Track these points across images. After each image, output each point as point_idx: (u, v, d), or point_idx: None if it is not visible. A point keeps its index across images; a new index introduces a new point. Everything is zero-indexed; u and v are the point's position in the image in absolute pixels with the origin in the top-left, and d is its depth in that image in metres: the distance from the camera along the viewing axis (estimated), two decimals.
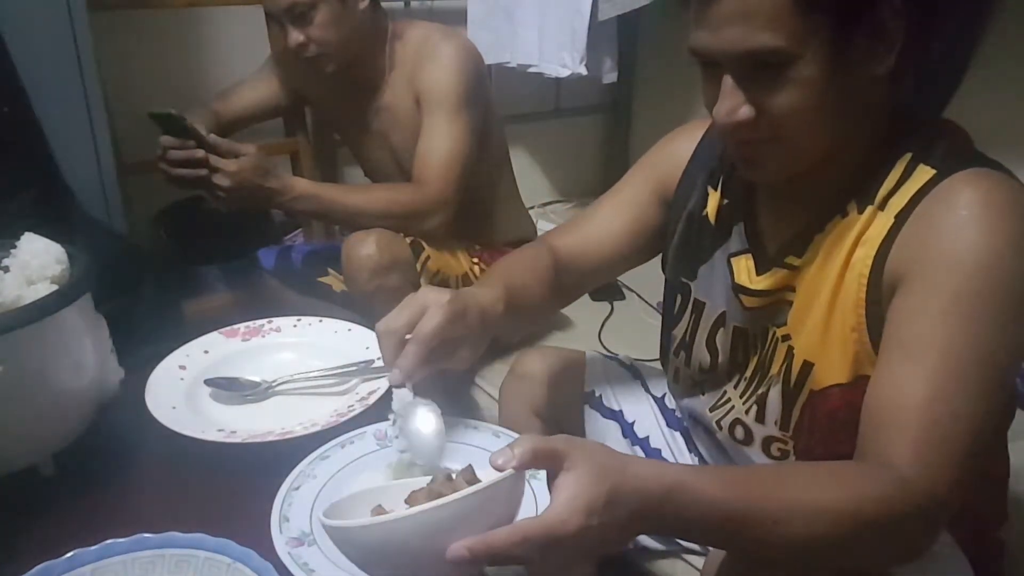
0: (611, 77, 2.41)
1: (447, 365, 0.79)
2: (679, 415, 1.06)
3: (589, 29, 2.22)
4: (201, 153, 1.42)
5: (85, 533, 0.71)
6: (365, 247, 1.48)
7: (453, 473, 0.63)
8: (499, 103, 1.76)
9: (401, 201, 1.55)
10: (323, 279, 1.73)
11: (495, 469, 0.57)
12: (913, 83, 0.74)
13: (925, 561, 0.67)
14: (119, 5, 1.81)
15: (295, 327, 1.13)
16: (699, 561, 1.01)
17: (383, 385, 0.95)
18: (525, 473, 0.58)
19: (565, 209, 2.79)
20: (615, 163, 2.85)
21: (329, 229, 2.01)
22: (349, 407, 0.93)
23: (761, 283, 0.82)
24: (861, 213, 0.75)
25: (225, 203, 1.47)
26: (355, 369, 1.01)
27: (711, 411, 0.91)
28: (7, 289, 0.82)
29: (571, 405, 1.11)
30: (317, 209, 1.55)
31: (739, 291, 0.84)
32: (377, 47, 1.62)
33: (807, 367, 0.79)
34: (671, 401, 1.07)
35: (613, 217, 0.97)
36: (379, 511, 0.62)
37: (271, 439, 0.88)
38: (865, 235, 0.74)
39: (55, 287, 0.84)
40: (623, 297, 2.15)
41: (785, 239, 0.81)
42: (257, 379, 1.02)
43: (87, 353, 0.87)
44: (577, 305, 1.11)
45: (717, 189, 0.89)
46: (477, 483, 0.59)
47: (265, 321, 1.13)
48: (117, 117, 1.65)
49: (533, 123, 2.75)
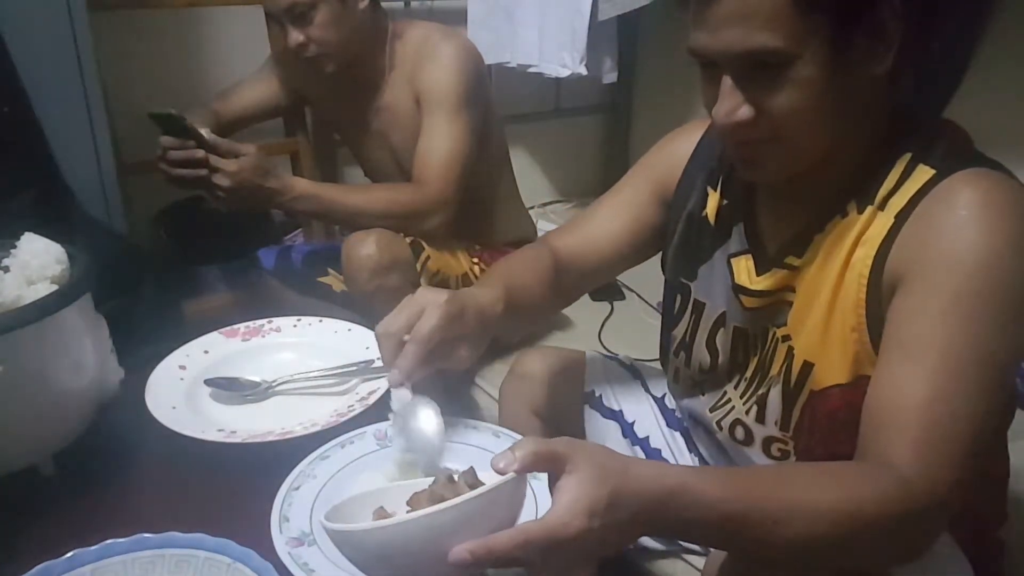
0: (611, 77, 2.41)
1: (446, 365, 0.78)
2: (679, 415, 1.06)
3: (589, 29, 2.22)
4: (201, 153, 1.42)
5: (85, 533, 0.71)
6: (365, 247, 1.48)
7: (454, 474, 0.63)
8: (499, 103, 1.76)
9: (401, 201, 1.55)
10: (323, 279, 1.73)
11: (497, 472, 0.57)
12: (913, 83, 0.74)
13: (925, 561, 0.67)
14: (119, 5, 1.81)
15: (295, 327, 1.13)
16: (699, 561, 1.01)
17: (383, 385, 0.95)
18: (527, 476, 0.58)
19: (565, 209, 2.79)
20: (615, 163, 2.85)
21: (329, 229, 2.01)
22: (349, 407, 0.93)
23: (761, 283, 0.82)
24: (861, 213, 0.75)
25: (225, 203, 1.47)
26: (355, 369, 1.01)
27: (711, 411, 0.91)
28: (7, 289, 0.82)
29: (571, 405, 1.11)
30: (317, 209, 1.55)
31: (739, 291, 0.84)
32: (377, 47, 1.62)
33: (807, 367, 0.79)
34: (671, 401, 1.07)
35: (613, 217, 0.97)
36: (381, 513, 0.62)
37: (271, 439, 0.88)
38: (865, 235, 0.74)
39: (55, 287, 0.84)
40: (623, 297, 2.15)
41: (785, 239, 0.81)
42: (257, 379, 1.02)
43: (87, 353, 0.87)
44: (577, 305, 1.11)
45: (717, 189, 0.89)
46: (479, 486, 0.59)
47: (265, 321, 1.13)
48: (117, 117, 1.65)
49: (533, 123, 2.75)
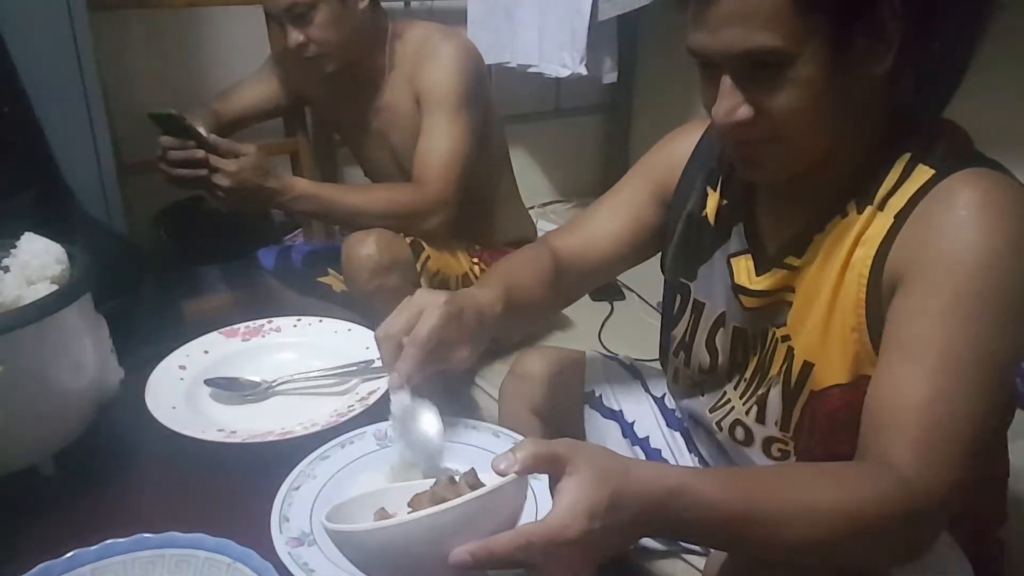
0: (611, 77, 2.41)
1: (446, 366, 0.78)
2: (679, 415, 1.06)
3: (589, 29, 2.22)
4: (201, 153, 1.42)
5: (85, 533, 0.71)
6: (365, 247, 1.48)
7: (455, 475, 0.63)
8: (499, 103, 1.76)
9: (401, 201, 1.55)
10: (323, 279, 1.73)
11: (497, 473, 0.57)
12: (913, 83, 0.74)
13: (925, 561, 0.67)
14: (119, 5, 1.81)
15: (295, 327, 1.13)
16: (699, 561, 1.01)
17: (383, 385, 0.95)
18: (527, 477, 0.58)
19: (565, 209, 2.79)
20: (615, 163, 2.85)
21: (329, 229, 2.01)
22: (349, 407, 0.93)
23: (761, 283, 0.82)
24: (860, 213, 0.75)
25: (225, 203, 1.47)
26: (355, 369, 1.01)
27: (711, 412, 0.91)
28: (7, 289, 0.82)
29: (571, 405, 1.11)
30: (317, 209, 1.55)
31: (739, 291, 0.84)
32: (377, 47, 1.62)
33: (807, 367, 0.79)
34: (671, 401, 1.07)
35: (613, 218, 0.97)
36: (382, 514, 0.62)
37: (271, 439, 0.87)
38: (865, 235, 0.74)
39: (55, 287, 0.84)
40: (623, 297, 2.15)
41: (785, 239, 0.81)
42: (257, 379, 1.01)
43: (87, 353, 0.87)
44: (577, 305, 1.11)
45: (716, 189, 0.89)
46: (480, 487, 0.59)
47: (265, 321, 1.13)
48: (117, 117, 1.65)
49: (533, 123, 2.75)
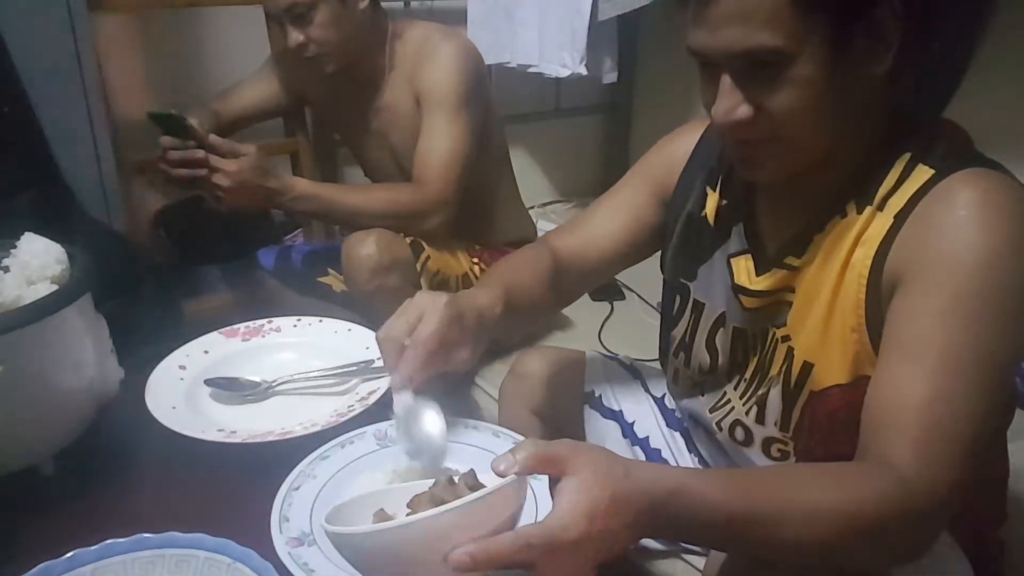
0: (611, 77, 2.41)
1: (447, 367, 0.79)
2: (679, 416, 1.06)
3: (589, 29, 2.22)
4: (201, 153, 1.42)
5: (85, 533, 0.71)
6: (365, 247, 1.48)
7: (455, 477, 0.63)
8: (499, 103, 1.76)
9: (401, 201, 1.55)
10: (323, 279, 1.73)
11: (497, 474, 0.57)
12: (913, 83, 0.74)
13: (925, 561, 0.67)
14: (119, 5, 1.81)
15: (295, 327, 1.13)
16: (699, 561, 1.01)
17: (383, 385, 0.95)
18: (527, 478, 0.58)
19: (565, 209, 2.79)
20: (615, 163, 2.85)
21: (329, 229, 2.01)
22: (349, 407, 0.93)
23: (761, 284, 0.82)
24: (860, 213, 0.75)
25: (225, 203, 1.47)
26: (355, 369, 1.01)
27: (711, 412, 0.91)
28: (7, 289, 0.82)
29: (571, 405, 1.11)
30: (317, 209, 1.55)
31: (739, 292, 0.84)
32: (377, 47, 1.62)
33: (807, 368, 0.79)
34: (671, 401, 1.07)
35: (612, 218, 0.97)
36: (381, 515, 0.62)
37: (271, 439, 0.87)
38: (864, 235, 0.74)
39: (55, 287, 0.84)
40: (623, 297, 2.15)
41: (784, 239, 0.81)
42: (257, 379, 1.01)
43: (87, 353, 0.87)
44: (577, 305, 1.11)
45: (716, 190, 0.89)
46: (480, 488, 0.59)
47: (265, 321, 1.13)
48: (117, 117, 1.65)
49: (533, 123, 2.75)
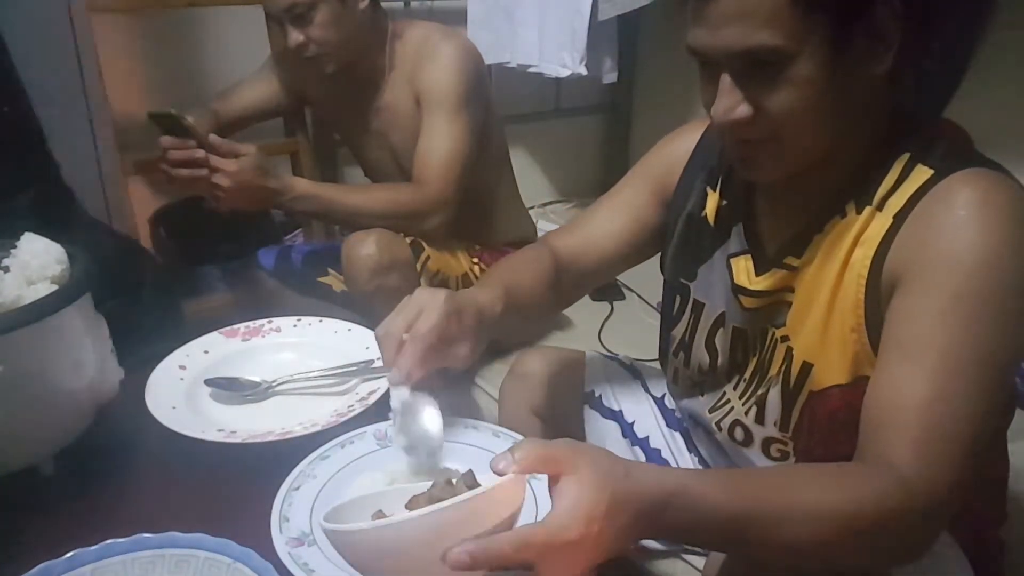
0: (611, 77, 2.41)
1: (446, 364, 0.78)
2: (679, 416, 1.06)
3: (589, 29, 2.22)
4: (201, 153, 1.42)
5: (85, 533, 0.71)
6: (365, 247, 1.48)
7: (454, 479, 0.63)
8: (499, 103, 1.76)
9: (401, 201, 1.55)
10: (323, 279, 1.73)
11: (496, 473, 0.57)
12: (913, 83, 0.74)
13: (925, 561, 0.67)
14: (119, 6, 1.81)
15: (295, 327, 1.13)
16: (699, 561, 1.01)
17: (383, 385, 0.95)
18: (526, 477, 0.58)
19: (565, 209, 2.79)
20: (615, 163, 2.85)
21: (329, 229, 2.01)
22: (349, 407, 0.93)
23: (760, 284, 0.82)
24: (860, 213, 0.75)
25: (225, 203, 1.47)
26: (355, 369, 1.01)
27: (710, 412, 0.91)
28: (7, 289, 0.81)
29: (571, 405, 1.11)
30: (317, 209, 1.55)
31: (738, 292, 0.84)
32: (377, 47, 1.62)
33: (806, 368, 0.79)
34: (671, 401, 1.07)
35: (613, 218, 0.97)
36: (380, 516, 0.62)
37: (271, 439, 0.87)
38: (864, 235, 0.74)
39: (55, 287, 0.84)
40: (623, 297, 2.15)
41: (784, 240, 0.81)
42: (257, 379, 1.01)
43: (87, 353, 0.87)
44: (577, 305, 1.11)
45: (716, 190, 0.89)
46: (478, 487, 0.59)
47: (265, 321, 1.13)
48: (117, 117, 1.65)
49: (533, 123, 2.75)
